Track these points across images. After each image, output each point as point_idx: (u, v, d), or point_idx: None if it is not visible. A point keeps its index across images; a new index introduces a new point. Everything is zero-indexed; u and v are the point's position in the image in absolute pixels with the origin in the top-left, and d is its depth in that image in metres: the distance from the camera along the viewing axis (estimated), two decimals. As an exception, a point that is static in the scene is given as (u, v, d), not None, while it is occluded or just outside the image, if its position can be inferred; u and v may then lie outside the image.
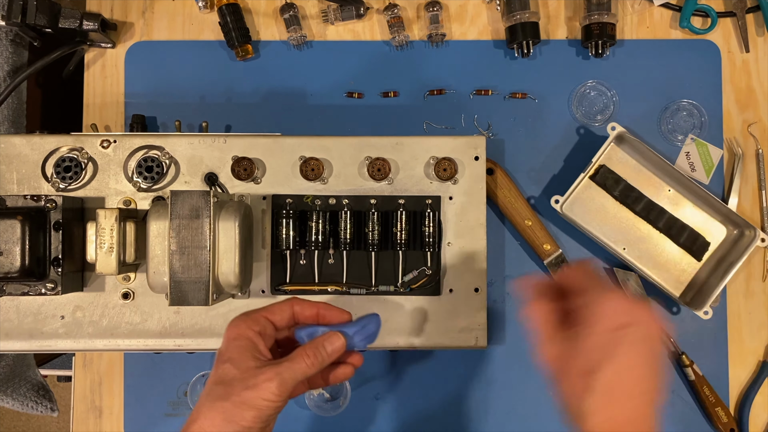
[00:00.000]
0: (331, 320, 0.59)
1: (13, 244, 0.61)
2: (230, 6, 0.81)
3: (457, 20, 0.84)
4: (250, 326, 0.55)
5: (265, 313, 0.57)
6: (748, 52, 0.83)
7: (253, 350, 0.54)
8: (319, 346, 0.56)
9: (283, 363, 0.54)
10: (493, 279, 0.81)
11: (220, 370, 0.54)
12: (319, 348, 0.56)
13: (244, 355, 0.54)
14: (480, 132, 0.82)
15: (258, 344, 0.55)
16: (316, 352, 0.55)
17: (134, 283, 0.68)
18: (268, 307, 0.58)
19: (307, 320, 0.59)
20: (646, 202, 0.79)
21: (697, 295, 0.78)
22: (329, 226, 0.69)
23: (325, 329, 0.57)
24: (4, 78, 0.78)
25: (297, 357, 0.55)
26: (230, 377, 0.53)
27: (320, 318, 0.59)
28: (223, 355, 0.54)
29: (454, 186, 0.70)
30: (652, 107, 0.83)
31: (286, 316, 0.58)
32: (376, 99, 0.83)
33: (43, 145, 0.69)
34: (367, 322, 0.59)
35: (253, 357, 0.54)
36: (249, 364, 0.53)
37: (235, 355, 0.54)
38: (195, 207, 0.62)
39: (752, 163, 0.82)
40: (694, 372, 0.79)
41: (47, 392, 0.85)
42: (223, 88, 0.83)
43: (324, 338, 0.56)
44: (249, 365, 0.53)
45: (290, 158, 0.69)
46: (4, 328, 0.67)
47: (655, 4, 0.84)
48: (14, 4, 0.73)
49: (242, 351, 0.54)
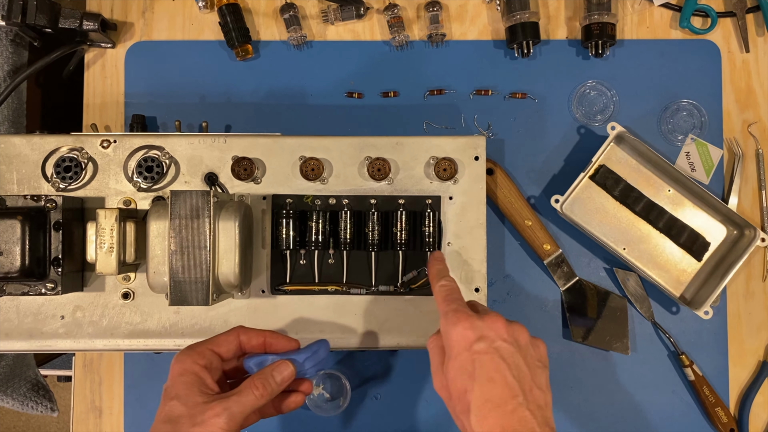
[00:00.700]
0: (278, 348, 0.59)
1: (13, 244, 0.61)
2: (230, 6, 0.81)
3: (457, 20, 0.84)
4: (195, 360, 0.55)
5: (211, 345, 0.57)
6: (748, 52, 0.83)
7: (200, 385, 0.54)
8: (268, 377, 0.55)
9: (231, 397, 0.53)
10: (493, 279, 0.81)
11: (167, 408, 0.53)
12: (268, 378, 0.55)
13: (191, 391, 0.53)
14: (480, 132, 0.82)
15: (205, 379, 0.54)
16: (265, 383, 0.55)
17: (134, 283, 0.68)
18: (213, 339, 0.58)
19: (254, 349, 0.59)
20: (646, 202, 0.79)
21: (697, 295, 0.78)
22: (329, 226, 0.69)
23: (275, 357, 0.57)
24: (4, 78, 0.77)
25: (245, 389, 0.54)
26: (177, 414, 0.52)
27: (267, 346, 0.59)
28: (170, 392, 0.54)
29: (454, 186, 0.70)
30: (652, 107, 0.83)
31: (233, 347, 0.58)
32: (376, 99, 0.83)
33: (43, 145, 0.69)
34: (317, 348, 0.59)
35: (200, 392, 0.53)
36: (196, 400, 0.53)
37: (181, 392, 0.53)
38: (195, 207, 0.62)
39: (752, 163, 0.82)
40: (694, 372, 0.79)
41: (47, 392, 0.85)
42: (223, 88, 0.83)
43: (273, 368, 0.56)
44: (196, 401, 0.53)
45: (290, 158, 0.69)
46: (4, 328, 0.67)
47: (655, 4, 0.84)
48: (14, 4, 0.73)
49: (189, 387, 0.53)
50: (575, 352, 0.80)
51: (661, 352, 0.81)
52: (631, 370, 0.80)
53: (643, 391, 0.80)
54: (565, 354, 0.80)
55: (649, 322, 0.80)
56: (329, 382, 0.80)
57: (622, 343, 0.80)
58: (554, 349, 0.81)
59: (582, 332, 0.79)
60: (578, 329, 0.79)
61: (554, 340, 0.80)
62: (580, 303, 0.80)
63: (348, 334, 0.68)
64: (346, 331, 0.65)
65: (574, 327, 0.79)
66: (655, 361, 0.80)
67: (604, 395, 0.80)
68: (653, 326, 0.81)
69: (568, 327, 0.80)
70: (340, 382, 0.78)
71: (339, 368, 0.80)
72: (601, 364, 0.80)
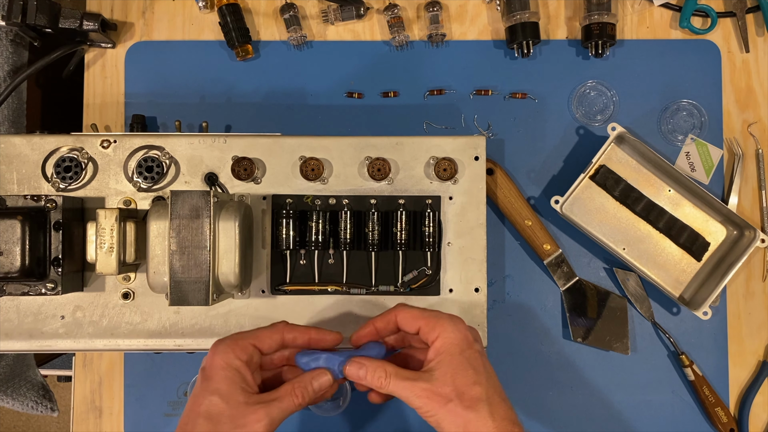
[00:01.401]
0: (324, 345, 0.59)
1: (13, 244, 0.61)
2: (230, 6, 0.81)
3: (457, 20, 0.84)
4: (238, 355, 0.54)
5: (254, 340, 0.56)
6: (748, 52, 0.83)
7: (241, 382, 0.54)
8: (307, 385, 0.56)
9: (272, 402, 0.54)
10: (493, 279, 0.81)
11: (208, 402, 0.52)
12: (307, 386, 0.56)
13: (233, 388, 0.53)
14: (480, 132, 0.82)
15: (246, 376, 0.54)
16: (304, 392, 0.55)
17: (134, 283, 0.68)
18: (256, 333, 0.57)
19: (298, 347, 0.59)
20: (646, 202, 0.79)
21: (696, 295, 0.78)
22: (329, 226, 0.69)
23: (328, 356, 0.57)
24: (4, 78, 0.77)
25: (286, 396, 0.55)
26: (218, 412, 0.52)
27: (313, 343, 0.59)
28: (210, 385, 0.53)
29: (454, 186, 0.70)
30: (652, 107, 0.83)
31: (275, 344, 0.58)
32: (376, 99, 0.83)
33: (43, 145, 0.69)
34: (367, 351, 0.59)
35: (242, 391, 0.53)
36: (238, 399, 0.53)
37: (223, 387, 0.53)
38: (195, 207, 0.62)
39: (752, 163, 0.82)
40: (693, 372, 0.79)
41: (47, 392, 0.85)
42: (223, 88, 0.83)
43: (312, 375, 0.56)
44: (238, 400, 0.53)
45: (290, 158, 0.69)
46: (4, 328, 0.67)
47: (655, 4, 0.84)
48: (14, 4, 0.73)
49: (231, 383, 0.53)
50: (575, 352, 0.80)
51: (661, 352, 0.81)
52: (631, 370, 0.80)
53: (643, 391, 0.80)
54: (565, 354, 0.80)
55: (649, 322, 0.80)
56: (329, 382, 0.80)
57: (622, 343, 0.80)
58: (554, 349, 0.81)
59: (582, 332, 0.79)
60: (578, 329, 0.79)
61: (554, 340, 0.80)
62: (580, 303, 0.80)
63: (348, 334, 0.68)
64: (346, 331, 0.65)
65: (574, 327, 0.79)
66: (655, 361, 0.80)
67: (604, 395, 0.80)
68: (653, 326, 0.81)
69: (568, 327, 0.80)
70: (340, 382, 0.78)
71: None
72: (601, 364, 0.80)
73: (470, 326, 0.59)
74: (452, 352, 0.55)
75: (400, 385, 0.55)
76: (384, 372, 0.55)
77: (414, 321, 0.57)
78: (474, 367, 0.54)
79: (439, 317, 0.57)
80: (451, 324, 0.56)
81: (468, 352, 0.55)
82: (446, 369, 0.54)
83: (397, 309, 0.59)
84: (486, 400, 0.53)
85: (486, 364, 0.56)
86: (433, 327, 0.56)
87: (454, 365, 0.54)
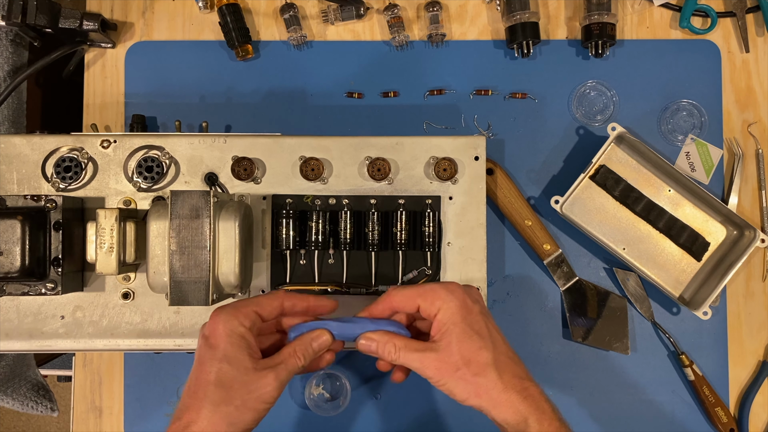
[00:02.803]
0: (322, 311, 0.61)
1: (13, 244, 0.61)
2: (230, 6, 0.81)
3: (457, 20, 0.84)
4: (242, 322, 0.55)
5: (255, 307, 0.57)
6: (748, 52, 0.83)
7: (248, 348, 0.55)
8: (307, 345, 0.57)
9: (278, 365, 0.55)
10: (493, 279, 0.81)
11: (217, 370, 0.53)
12: (307, 347, 0.57)
13: (241, 355, 0.54)
14: (480, 132, 0.82)
15: (251, 342, 0.56)
16: (305, 352, 0.57)
17: (134, 283, 0.68)
18: (256, 300, 0.58)
19: (298, 315, 0.60)
20: (646, 202, 0.79)
21: (696, 295, 0.78)
22: (329, 226, 0.69)
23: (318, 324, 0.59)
24: (4, 78, 0.77)
25: (289, 358, 0.56)
26: (230, 379, 0.53)
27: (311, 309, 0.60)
28: (217, 352, 0.54)
29: (454, 186, 0.70)
30: (652, 107, 0.83)
31: (275, 311, 0.59)
32: (376, 99, 0.83)
33: (43, 145, 0.69)
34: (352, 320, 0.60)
35: (249, 356, 0.55)
36: (247, 366, 0.54)
37: (231, 354, 0.54)
38: (195, 207, 0.62)
39: (752, 163, 0.82)
40: (693, 372, 0.79)
41: (47, 392, 0.85)
42: (223, 88, 0.83)
43: (312, 336, 0.58)
44: (247, 366, 0.54)
45: (290, 158, 0.69)
46: (4, 328, 0.67)
47: (655, 4, 0.84)
48: (14, 4, 0.73)
49: (239, 350, 0.54)
50: (575, 352, 0.80)
51: (661, 352, 0.81)
52: (631, 370, 0.80)
53: (643, 391, 0.80)
54: (565, 354, 0.80)
55: (649, 322, 0.80)
56: (329, 382, 0.80)
57: (622, 343, 0.80)
58: (554, 349, 0.81)
59: (582, 332, 0.79)
60: (578, 329, 0.79)
61: (554, 340, 0.80)
62: (580, 303, 0.80)
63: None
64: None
65: (574, 327, 0.79)
66: (655, 361, 0.80)
67: (604, 395, 0.80)
68: (653, 326, 0.81)
69: (568, 327, 0.80)
70: (340, 382, 0.78)
71: (339, 368, 0.80)
72: (601, 364, 0.80)
73: (468, 286, 0.60)
74: (455, 321, 0.56)
75: (410, 357, 0.57)
76: (393, 346, 0.57)
77: (411, 300, 0.58)
78: (477, 332, 0.56)
79: (435, 290, 0.58)
80: (448, 293, 0.57)
81: (470, 317, 0.57)
82: (451, 338, 0.56)
83: (390, 294, 0.59)
84: (493, 363, 0.55)
85: (489, 326, 0.58)
86: (432, 301, 0.57)
87: (458, 334, 0.56)
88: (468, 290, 0.59)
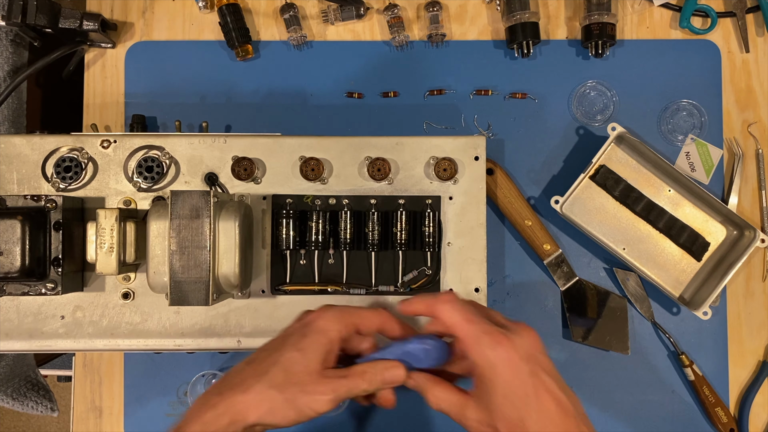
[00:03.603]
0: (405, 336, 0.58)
1: (13, 244, 0.61)
2: (230, 6, 0.81)
3: (457, 20, 0.84)
4: (340, 330, 0.54)
5: (358, 319, 0.56)
6: (748, 52, 0.83)
7: (327, 353, 0.54)
8: (378, 373, 0.54)
9: (341, 379, 0.53)
10: (493, 279, 0.81)
11: (290, 356, 0.53)
12: (377, 374, 0.54)
13: (316, 354, 0.53)
14: (480, 132, 0.82)
15: (333, 350, 0.54)
16: (373, 378, 0.54)
17: (134, 283, 0.68)
18: (360, 312, 0.56)
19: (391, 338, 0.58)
20: (646, 202, 0.79)
21: (696, 295, 0.78)
22: (329, 226, 0.69)
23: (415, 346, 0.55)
24: (4, 78, 0.77)
25: (353, 377, 0.54)
26: (294, 371, 0.52)
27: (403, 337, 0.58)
28: (303, 341, 0.53)
29: (454, 186, 0.70)
30: (652, 107, 0.83)
31: (373, 328, 0.57)
32: (376, 99, 0.83)
33: (43, 145, 0.69)
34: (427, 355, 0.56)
35: (323, 360, 0.53)
36: (316, 367, 0.53)
37: (309, 348, 0.53)
38: (195, 207, 0.62)
39: (752, 163, 0.82)
40: (693, 372, 0.79)
41: (47, 392, 0.85)
42: (223, 88, 0.83)
43: (386, 366, 0.54)
44: (315, 368, 0.53)
45: (290, 158, 0.69)
46: (4, 328, 0.67)
47: (655, 4, 0.84)
48: (14, 4, 0.73)
49: (317, 349, 0.53)
50: (575, 352, 0.80)
51: (661, 352, 0.81)
52: (631, 370, 0.80)
53: (643, 390, 0.80)
54: (565, 354, 0.80)
55: (649, 322, 0.80)
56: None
57: (622, 343, 0.80)
58: (554, 349, 0.81)
59: (582, 332, 0.79)
60: (578, 329, 0.79)
61: (554, 340, 0.80)
62: (580, 303, 0.80)
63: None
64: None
65: (574, 327, 0.79)
66: (655, 361, 0.80)
67: (604, 395, 0.80)
68: (653, 326, 0.81)
69: (568, 327, 0.80)
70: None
71: (339, 368, 0.80)
72: (601, 364, 0.80)
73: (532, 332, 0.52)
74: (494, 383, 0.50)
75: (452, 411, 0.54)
76: (435, 398, 0.54)
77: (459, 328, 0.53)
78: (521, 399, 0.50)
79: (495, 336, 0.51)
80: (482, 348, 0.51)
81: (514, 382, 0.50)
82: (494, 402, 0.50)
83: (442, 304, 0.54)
84: None
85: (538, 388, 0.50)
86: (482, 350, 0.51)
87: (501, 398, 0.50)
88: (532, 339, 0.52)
